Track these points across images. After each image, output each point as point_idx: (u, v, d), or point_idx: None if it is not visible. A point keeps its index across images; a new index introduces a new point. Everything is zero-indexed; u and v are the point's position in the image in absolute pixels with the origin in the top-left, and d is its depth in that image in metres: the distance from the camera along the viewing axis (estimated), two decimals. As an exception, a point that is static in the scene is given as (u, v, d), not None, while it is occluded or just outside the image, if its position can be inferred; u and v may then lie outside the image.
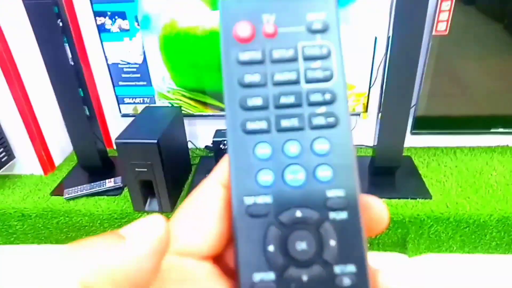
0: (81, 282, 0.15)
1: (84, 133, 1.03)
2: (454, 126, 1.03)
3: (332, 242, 0.18)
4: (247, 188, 0.18)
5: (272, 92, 0.19)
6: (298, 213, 0.18)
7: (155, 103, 1.06)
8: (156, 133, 0.87)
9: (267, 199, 0.18)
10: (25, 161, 1.08)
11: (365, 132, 1.09)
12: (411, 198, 0.90)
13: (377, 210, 0.19)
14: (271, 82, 0.19)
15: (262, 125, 0.19)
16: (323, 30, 0.19)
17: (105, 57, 1.02)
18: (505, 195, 0.90)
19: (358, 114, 1.03)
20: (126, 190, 0.99)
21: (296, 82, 0.19)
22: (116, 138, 0.86)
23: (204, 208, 0.19)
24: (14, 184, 1.05)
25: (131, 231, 0.16)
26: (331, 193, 0.18)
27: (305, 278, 0.17)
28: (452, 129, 1.03)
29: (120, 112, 1.09)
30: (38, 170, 1.09)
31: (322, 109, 0.19)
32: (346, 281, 0.17)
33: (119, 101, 1.08)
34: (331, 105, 0.19)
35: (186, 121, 1.07)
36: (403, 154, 0.99)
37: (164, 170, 0.88)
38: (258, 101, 0.19)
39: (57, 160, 1.14)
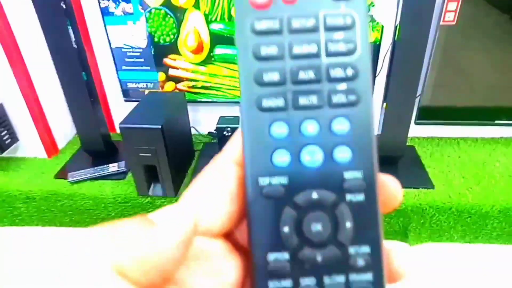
0: (115, 266, 0.14)
1: (88, 117, 1.03)
2: (458, 117, 1.03)
3: (348, 224, 0.17)
4: (262, 168, 0.18)
5: (290, 66, 0.18)
6: (314, 195, 0.18)
7: (158, 88, 1.06)
8: (160, 118, 0.87)
9: (282, 180, 0.18)
10: (29, 144, 1.08)
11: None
12: (414, 188, 0.90)
13: (392, 189, 0.19)
14: (289, 55, 0.18)
15: (279, 102, 0.18)
16: None
17: (109, 41, 1.01)
18: (507, 186, 0.90)
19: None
20: (130, 174, 1.00)
21: (316, 55, 0.18)
22: (120, 123, 0.86)
23: (217, 187, 0.18)
24: (19, 167, 1.05)
25: (162, 219, 0.16)
26: (349, 175, 0.18)
27: (319, 258, 0.17)
28: (457, 120, 1.03)
29: (123, 96, 1.09)
30: (41, 153, 1.09)
31: (343, 85, 0.18)
32: (360, 262, 0.17)
33: (122, 85, 1.07)
34: (352, 81, 0.18)
35: (189, 107, 1.06)
36: (407, 144, 0.99)
37: (168, 155, 0.88)
38: (274, 76, 0.18)
39: (61, 143, 1.14)
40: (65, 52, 0.95)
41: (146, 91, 1.07)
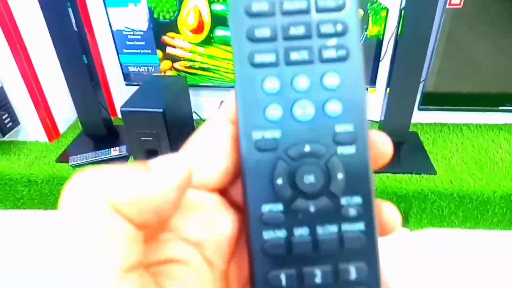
0: (109, 201, 0.15)
1: (89, 101, 1.02)
2: (462, 103, 1.02)
3: (340, 176, 0.18)
4: (255, 122, 0.18)
5: (281, 22, 0.18)
6: (307, 148, 0.18)
7: (159, 71, 1.05)
8: (161, 102, 0.87)
9: (275, 134, 0.18)
10: (30, 127, 1.08)
11: (372, 107, 1.07)
12: (416, 174, 0.90)
13: (382, 145, 0.19)
14: (280, 11, 0.18)
15: (271, 58, 0.18)
16: None
17: (109, 23, 1.00)
18: (509, 172, 0.90)
19: (366, 88, 1.01)
20: (131, 158, 1.00)
21: (306, 11, 0.18)
22: (122, 106, 0.85)
23: (212, 143, 0.19)
24: (20, 150, 1.05)
25: (157, 164, 0.17)
26: (340, 128, 0.18)
27: (312, 209, 0.18)
28: (461, 106, 1.02)
29: (125, 80, 1.08)
30: (43, 137, 1.09)
31: (333, 41, 0.18)
32: (352, 211, 0.18)
33: (124, 69, 1.06)
34: (342, 36, 0.18)
35: (191, 92, 1.05)
36: (410, 130, 0.98)
37: (170, 139, 0.88)
38: (266, 32, 0.18)
39: (62, 127, 1.14)
40: (65, 35, 0.93)
41: (147, 75, 1.06)
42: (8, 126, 1.03)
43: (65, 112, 1.15)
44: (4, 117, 1.01)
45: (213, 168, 0.19)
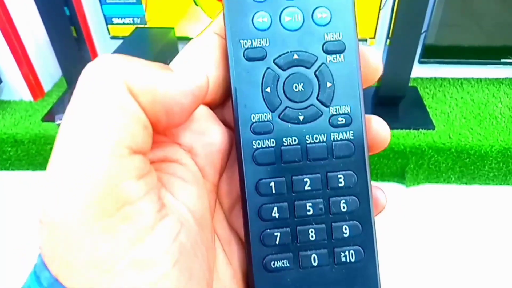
0: (127, 84, 0.15)
1: (72, 57, 0.97)
2: (464, 56, 0.98)
3: (329, 84, 0.18)
4: (243, 31, 0.18)
5: None
6: (295, 56, 0.18)
7: (145, 23, 0.98)
8: (148, 56, 0.82)
9: (264, 42, 0.18)
10: (13, 86, 1.03)
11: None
12: (414, 129, 0.88)
13: (373, 59, 0.19)
14: None
15: None
16: None
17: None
18: (508, 126, 0.88)
19: (365, 40, 0.97)
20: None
21: None
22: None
23: (201, 55, 0.19)
24: (4, 110, 1.01)
25: (179, 68, 0.16)
26: (329, 36, 0.18)
27: (301, 117, 0.18)
28: (462, 59, 0.98)
29: (109, 33, 1.02)
30: (27, 95, 1.04)
31: None
32: (341, 120, 0.18)
33: (107, 21, 1.00)
34: None
35: (180, 46, 1.00)
36: (409, 84, 0.95)
37: (159, 96, 0.84)
38: None
39: (46, 86, 1.09)
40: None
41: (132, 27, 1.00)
42: (-11, 84, 0.98)
43: (49, 70, 1.09)
44: (-16, 74, 0.96)
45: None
